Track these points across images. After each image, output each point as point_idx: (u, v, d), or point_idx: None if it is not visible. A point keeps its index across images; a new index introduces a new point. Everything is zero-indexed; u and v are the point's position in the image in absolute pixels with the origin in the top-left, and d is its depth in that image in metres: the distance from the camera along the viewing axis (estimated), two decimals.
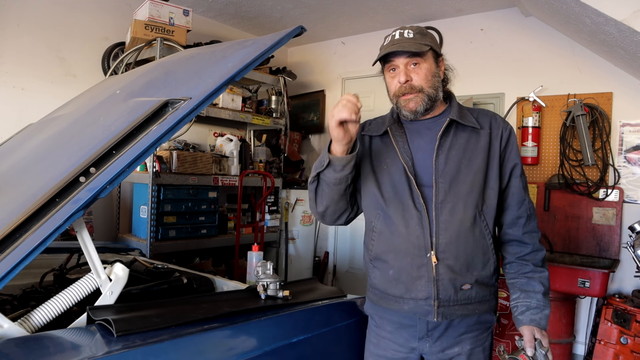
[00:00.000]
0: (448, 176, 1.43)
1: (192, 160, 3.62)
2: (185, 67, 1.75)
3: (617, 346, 2.81)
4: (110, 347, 1.13)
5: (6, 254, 1.07)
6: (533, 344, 1.41)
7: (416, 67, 1.45)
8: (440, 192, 1.42)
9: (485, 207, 1.44)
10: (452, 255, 1.40)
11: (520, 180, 1.51)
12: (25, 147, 1.80)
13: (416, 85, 1.45)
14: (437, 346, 1.45)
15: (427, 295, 1.40)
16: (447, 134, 1.47)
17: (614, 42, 2.79)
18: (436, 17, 4.22)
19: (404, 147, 1.50)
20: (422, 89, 1.45)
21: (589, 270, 2.90)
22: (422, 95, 1.45)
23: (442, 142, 1.46)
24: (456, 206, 1.41)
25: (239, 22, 4.58)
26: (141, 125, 1.30)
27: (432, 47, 1.47)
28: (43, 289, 1.74)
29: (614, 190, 3.33)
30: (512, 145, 1.51)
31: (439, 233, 1.40)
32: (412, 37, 1.45)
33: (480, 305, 1.45)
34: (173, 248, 3.46)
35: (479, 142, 1.47)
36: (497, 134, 1.49)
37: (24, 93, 3.34)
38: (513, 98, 3.81)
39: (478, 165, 1.45)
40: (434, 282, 1.39)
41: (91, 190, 1.18)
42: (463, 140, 1.47)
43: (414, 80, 1.45)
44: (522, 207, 1.49)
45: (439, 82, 1.49)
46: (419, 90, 1.45)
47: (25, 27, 3.33)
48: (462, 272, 1.41)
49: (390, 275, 1.47)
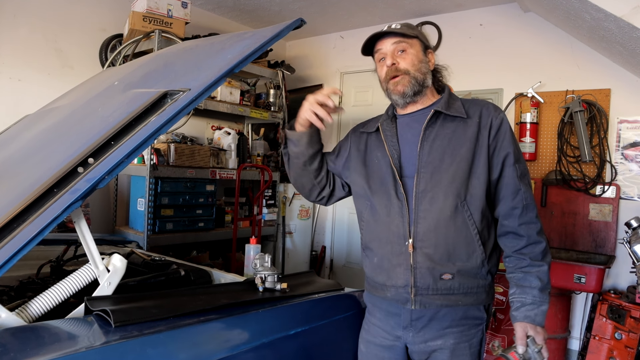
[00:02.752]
0: (430, 166, 1.45)
1: (190, 153, 3.61)
2: (184, 59, 1.74)
3: (612, 341, 2.83)
4: (108, 337, 1.13)
5: (3, 244, 1.06)
6: (525, 342, 1.40)
7: (403, 53, 1.51)
8: (421, 182, 1.45)
9: (469, 197, 1.43)
10: (431, 244, 1.41)
11: (514, 169, 1.46)
12: (23, 138, 1.79)
13: (402, 68, 1.50)
14: (419, 337, 1.46)
15: (405, 283, 1.43)
16: (432, 125, 1.49)
17: (613, 38, 2.79)
18: (435, 12, 4.21)
19: (392, 140, 1.55)
20: (409, 71, 1.50)
21: (585, 266, 2.92)
22: (409, 77, 1.50)
23: (427, 133, 1.48)
24: (436, 195, 1.43)
25: (238, 15, 4.56)
26: (140, 116, 1.29)
27: (419, 37, 1.53)
28: (40, 280, 1.73)
29: (610, 186, 3.34)
30: (503, 134, 1.47)
31: (418, 222, 1.43)
32: (400, 28, 1.52)
33: (466, 297, 1.44)
34: (170, 241, 3.46)
35: (465, 132, 1.47)
36: (487, 123, 1.48)
37: (20, 84, 3.32)
38: (511, 94, 3.81)
39: (462, 154, 1.44)
40: (411, 269, 1.42)
41: (89, 181, 1.18)
42: (449, 130, 1.48)
43: (400, 64, 1.50)
44: (517, 197, 1.46)
45: (426, 68, 1.53)
46: (405, 73, 1.50)
47: (21, 18, 3.31)
48: (442, 262, 1.42)
49: (375, 262, 1.53)
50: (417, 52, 1.52)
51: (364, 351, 1.60)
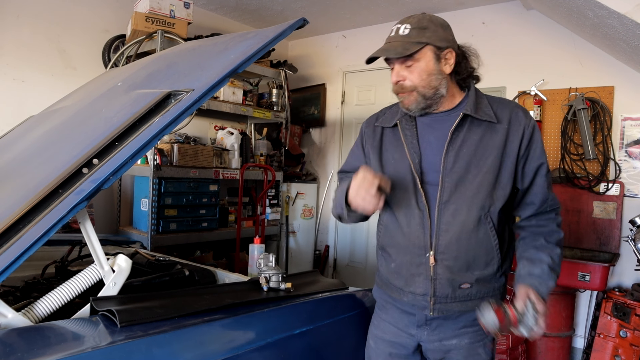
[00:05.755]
0: (455, 175, 1.39)
1: (193, 154, 3.62)
2: (188, 59, 1.75)
3: (617, 339, 2.82)
4: (114, 337, 1.13)
5: (10, 245, 1.07)
6: (525, 301, 1.32)
7: (410, 67, 1.39)
8: (445, 192, 1.39)
9: (493, 208, 1.39)
10: (452, 257, 1.39)
11: (546, 179, 1.44)
12: (28, 139, 1.80)
13: (407, 86, 1.40)
14: (434, 335, 1.45)
15: (424, 292, 1.41)
16: (459, 130, 1.40)
17: (616, 35, 2.78)
18: (437, 10, 4.20)
19: (413, 142, 1.45)
20: (416, 88, 1.39)
21: (589, 264, 2.91)
22: (415, 94, 1.40)
23: (454, 139, 1.40)
24: (460, 208, 1.38)
25: (240, 15, 4.56)
26: (144, 117, 1.30)
27: (428, 43, 1.37)
28: (45, 281, 1.74)
29: (614, 184, 3.33)
30: (536, 143, 1.42)
31: (440, 234, 1.39)
32: (407, 34, 1.39)
33: (482, 302, 1.41)
34: (174, 241, 3.46)
35: (493, 139, 1.39)
36: (518, 131, 1.40)
37: (23, 85, 3.33)
38: (514, 92, 3.80)
39: (489, 165, 1.38)
40: (431, 280, 1.40)
41: (94, 182, 1.19)
42: (477, 136, 1.40)
43: (406, 80, 1.40)
44: (544, 205, 1.45)
45: (438, 79, 1.39)
46: (411, 90, 1.40)
47: (25, 19, 3.32)
48: (461, 272, 1.40)
49: (392, 267, 1.50)
50: (426, 64, 1.38)
51: (372, 346, 1.58)
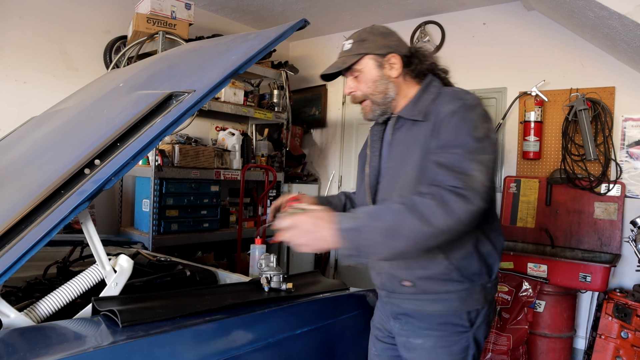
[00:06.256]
0: (389, 176, 1.46)
1: (194, 154, 3.63)
2: (189, 60, 1.75)
3: (618, 340, 2.82)
4: (116, 337, 1.13)
5: (12, 245, 1.07)
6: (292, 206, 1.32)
7: (357, 77, 1.49)
8: (381, 193, 1.47)
9: None
10: None
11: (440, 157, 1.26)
12: (29, 139, 1.81)
13: (359, 96, 1.50)
14: (403, 331, 1.47)
15: (380, 285, 1.54)
16: (397, 131, 1.47)
17: (617, 36, 2.78)
18: (438, 11, 4.21)
19: (374, 146, 1.54)
20: (366, 96, 1.48)
21: (590, 264, 2.91)
22: (368, 102, 1.49)
23: (391, 140, 1.48)
24: None
25: (241, 16, 4.57)
26: (145, 118, 1.30)
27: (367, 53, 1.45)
28: (47, 281, 1.74)
29: (615, 185, 3.33)
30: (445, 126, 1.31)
31: None
32: (349, 48, 1.48)
33: (434, 304, 1.39)
34: (175, 241, 3.47)
35: (418, 137, 1.38)
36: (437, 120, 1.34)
37: (25, 86, 3.34)
38: (515, 93, 3.80)
39: (413, 162, 1.37)
40: (379, 274, 1.51)
41: (96, 182, 1.19)
42: (407, 136, 1.43)
43: (357, 90, 1.49)
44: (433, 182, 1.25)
45: (384, 84, 1.46)
46: (363, 99, 1.49)
47: (27, 20, 3.33)
48: (400, 270, 1.43)
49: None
50: (369, 72, 1.46)
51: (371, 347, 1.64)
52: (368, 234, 1.17)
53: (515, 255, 3.18)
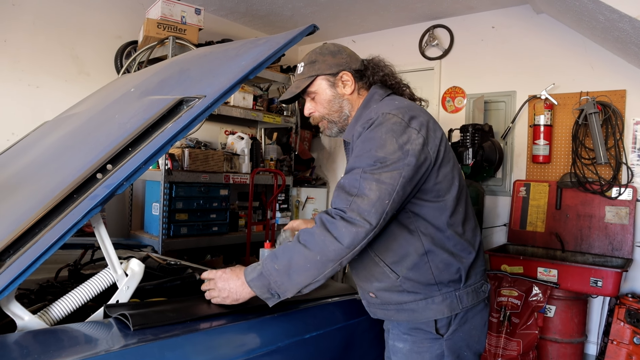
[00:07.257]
0: None
1: (204, 158, 3.65)
2: (199, 66, 1.77)
3: (630, 346, 2.79)
4: (127, 340, 1.14)
5: (26, 249, 1.09)
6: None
7: (314, 99, 1.54)
8: None
9: None
10: (352, 267, 1.50)
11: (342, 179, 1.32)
12: (42, 144, 1.83)
13: (317, 116, 1.56)
14: (391, 335, 1.52)
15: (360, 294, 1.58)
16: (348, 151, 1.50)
17: (627, 39, 2.77)
18: (447, 15, 4.20)
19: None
20: (323, 116, 1.54)
21: (602, 269, 2.88)
22: (326, 122, 1.55)
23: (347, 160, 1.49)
24: None
25: (250, 21, 4.60)
26: (156, 123, 1.31)
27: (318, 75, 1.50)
28: (59, 284, 1.76)
29: (627, 188, 3.30)
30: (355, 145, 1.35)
31: None
32: (302, 71, 1.53)
33: (398, 314, 1.42)
34: (184, 245, 3.49)
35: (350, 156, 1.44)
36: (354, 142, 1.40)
37: (38, 91, 3.38)
38: (525, 96, 3.79)
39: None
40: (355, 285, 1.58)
41: (108, 187, 1.20)
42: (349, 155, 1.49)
43: (315, 111, 1.56)
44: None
45: (338, 102, 1.51)
46: (321, 119, 1.55)
47: (40, 25, 3.38)
48: (363, 282, 1.49)
49: None
50: (324, 92, 1.51)
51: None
52: (270, 277, 1.28)
53: (525, 260, 3.16)
